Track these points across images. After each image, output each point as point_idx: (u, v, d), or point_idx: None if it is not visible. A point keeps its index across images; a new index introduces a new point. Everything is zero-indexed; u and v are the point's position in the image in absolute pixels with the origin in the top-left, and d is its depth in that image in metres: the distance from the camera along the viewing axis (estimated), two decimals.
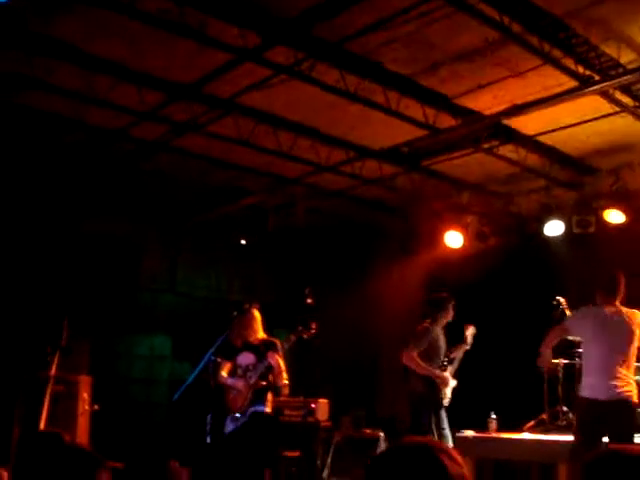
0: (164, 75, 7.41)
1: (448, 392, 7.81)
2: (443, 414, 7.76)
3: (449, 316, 7.93)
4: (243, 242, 11.42)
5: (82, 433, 8.60)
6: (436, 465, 2.10)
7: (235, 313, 7.31)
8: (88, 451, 2.86)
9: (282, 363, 7.24)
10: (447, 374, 7.78)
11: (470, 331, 8.06)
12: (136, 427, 10.26)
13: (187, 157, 9.37)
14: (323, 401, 10.21)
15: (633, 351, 6.32)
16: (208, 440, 7.04)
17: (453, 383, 7.86)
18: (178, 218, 10.69)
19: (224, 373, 7.38)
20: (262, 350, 7.31)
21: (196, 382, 7.55)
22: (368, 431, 10.23)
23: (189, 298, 11.65)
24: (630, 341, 6.31)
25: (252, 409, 7.15)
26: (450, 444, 7.64)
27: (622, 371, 6.24)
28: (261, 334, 7.46)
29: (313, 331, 7.30)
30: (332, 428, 10.18)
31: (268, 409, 7.28)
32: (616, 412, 6.17)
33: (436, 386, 7.71)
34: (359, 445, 9.81)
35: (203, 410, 7.46)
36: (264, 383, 7.22)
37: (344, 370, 11.38)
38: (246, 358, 7.36)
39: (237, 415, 7.24)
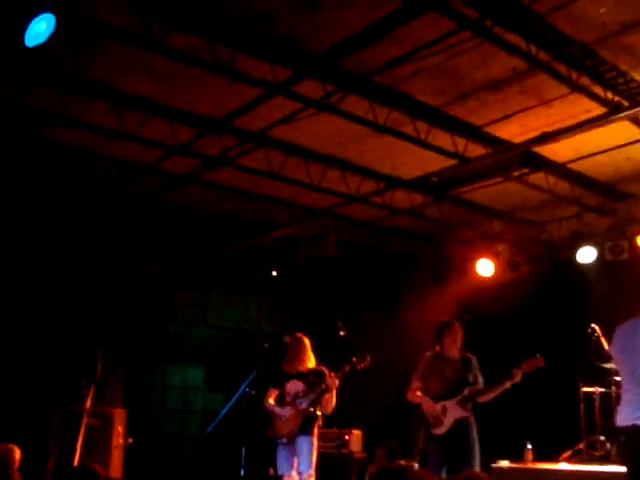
0: (195, 110, 7.52)
1: (447, 422, 7.21)
2: (434, 444, 7.23)
3: (454, 341, 7.46)
4: (274, 273, 11.45)
5: (116, 466, 8.61)
6: None
7: (267, 345, 7.36)
8: None
9: (334, 395, 7.31)
10: (440, 404, 7.22)
11: (532, 363, 7.54)
12: (170, 459, 10.28)
13: (218, 190, 9.47)
14: (357, 432, 10.18)
15: None
16: (242, 473, 7.05)
17: (453, 414, 7.21)
18: (209, 250, 10.78)
19: (271, 400, 7.44)
20: (311, 379, 7.38)
21: (230, 414, 7.59)
22: (402, 462, 10.15)
23: (220, 329, 11.70)
24: None
25: (301, 437, 7.18)
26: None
27: None
28: (312, 363, 7.53)
29: (367, 363, 7.34)
30: (366, 459, 10.12)
31: (315, 439, 7.29)
32: None
33: (424, 414, 7.34)
34: (393, 476, 9.72)
35: (237, 442, 7.48)
36: (312, 410, 7.27)
37: (377, 401, 11.33)
38: (295, 386, 7.42)
39: (284, 440, 7.27)
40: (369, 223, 10.74)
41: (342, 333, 7.39)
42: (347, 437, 9.92)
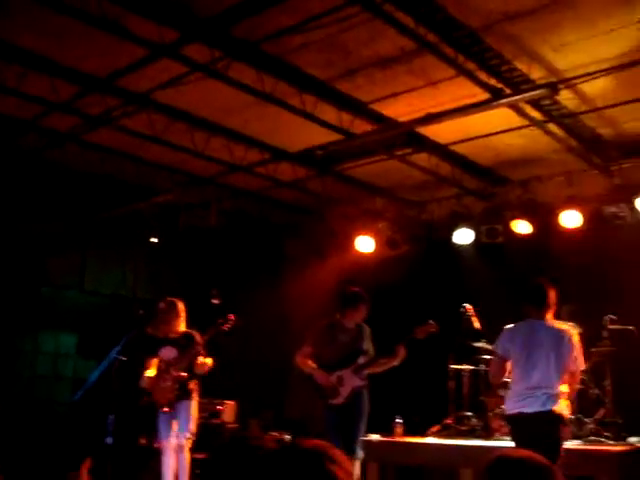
0: (80, 67, 7.25)
1: (344, 392, 7.28)
2: (333, 414, 7.30)
3: (359, 314, 7.48)
4: (154, 240, 11.23)
5: None
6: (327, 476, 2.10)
7: (142, 311, 7.27)
8: None
9: (203, 353, 7.39)
10: (335, 374, 7.27)
11: (426, 329, 7.57)
12: (37, 426, 9.98)
13: (98, 151, 9.19)
14: (230, 403, 10.13)
15: (567, 367, 5.77)
16: (109, 441, 6.90)
17: (349, 384, 7.29)
18: (87, 213, 10.45)
19: (149, 372, 7.42)
20: (183, 343, 7.43)
21: (100, 381, 7.40)
22: (275, 434, 10.20)
23: (97, 295, 11.41)
24: (559, 356, 5.75)
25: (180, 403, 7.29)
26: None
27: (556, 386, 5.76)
28: (182, 327, 7.50)
29: (232, 323, 7.34)
30: (238, 430, 10.11)
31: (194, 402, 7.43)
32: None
33: (319, 386, 7.36)
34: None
35: (105, 410, 7.33)
36: (185, 375, 7.33)
37: (254, 372, 11.32)
38: (168, 352, 7.46)
39: (165, 409, 7.34)
40: (253, 193, 10.67)
41: (216, 302, 7.35)
42: (220, 407, 9.86)
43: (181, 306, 7.60)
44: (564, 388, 5.72)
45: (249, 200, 10.94)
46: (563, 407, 5.66)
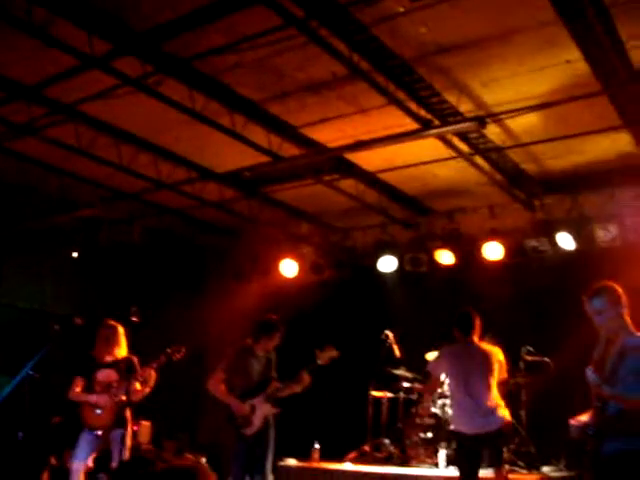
0: (4, 72, 7.05)
1: (256, 421, 7.25)
2: (242, 446, 7.26)
3: (272, 342, 7.52)
4: (75, 255, 11.00)
5: None
6: None
7: (57, 327, 7.06)
8: None
9: (144, 378, 7.13)
10: (248, 403, 7.26)
11: (327, 355, 7.66)
12: None
13: (21, 161, 8.95)
14: (145, 423, 9.94)
15: (494, 382, 6.63)
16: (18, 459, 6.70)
17: (261, 413, 7.28)
18: (5, 224, 10.16)
19: (78, 389, 7.10)
20: (122, 367, 7.16)
21: (11, 398, 7.16)
22: (190, 457, 10.05)
23: (12, 308, 11.08)
24: (490, 372, 6.63)
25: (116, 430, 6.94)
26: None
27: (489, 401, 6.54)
28: (123, 351, 7.27)
29: (182, 354, 7.17)
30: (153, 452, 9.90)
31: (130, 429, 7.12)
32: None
33: (233, 414, 7.33)
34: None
35: (15, 427, 7.11)
36: (126, 400, 7.00)
37: (169, 392, 11.13)
38: (107, 375, 7.17)
39: (98, 433, 6.99)
40: (178, 212, 10.54)
41: (135, 319, 7.17)
42: (135, 428, 9.63)
43: (120, 328, 7.37)
44: (498, 396, 6.61)
45: (174, 218, 10.80)
46: (504, 414, 6.53)
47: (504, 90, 6.93)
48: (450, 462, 8.30)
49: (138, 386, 7.14)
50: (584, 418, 4.99)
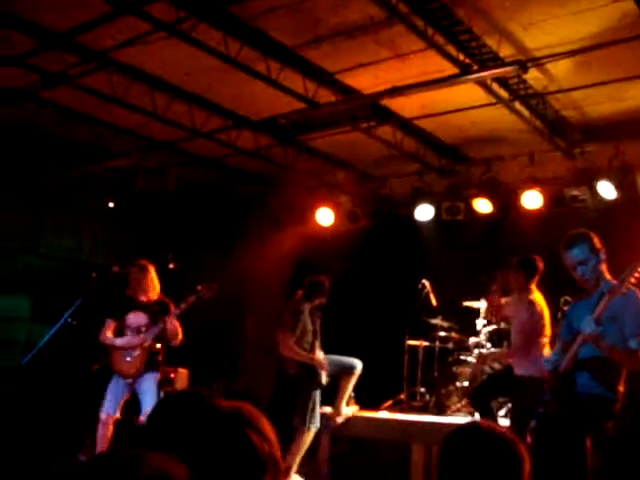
0: (37, 19, 6.96)
1: (323, 373, 7.92)
2: (317, 395, 7.89)
3: (323, 301, 8.00)
4: (111, 205, 11.05)
5: None
6: (242, 441, 2.03)
7: (95, 276, 7.07)
8: None
9: (177, 324, 7.07)
10: (322, 357, 7.92)
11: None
12: None
13: (55, 110, 8.92)
14: (183, 371, 10.02)
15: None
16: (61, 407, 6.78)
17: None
18: (42, 175, 10.21)
19: (109, 333, 7.08)
20: (155, 310, 7.09)
21: (51, 345, 7.25)
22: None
23: (52, 259, 11.19)
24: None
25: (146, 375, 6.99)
26: (318, 424, 7.83)
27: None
28: (155, 293, 7.23)
29: (214, 291, 7.13)
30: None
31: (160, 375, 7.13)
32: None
33: (314, 370, 7.83)
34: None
35: (57, 374, 7.19)
36: (159, 346, 7.02)
37: (206, 340, 11.22)
38: (138, 318, 7.12)
39: (128, 381, 7.02)
40: (213, 161, 10.49)
41: (172, 266, 7.18)
42: (172, 375, 9.73)
43: (152, 269, 7.30)
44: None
45: (209, 167, 10.76)
46: None
47: (545, 34, 6.70)
48: None
49: (176, 329, 7.07)
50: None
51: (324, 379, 7.89)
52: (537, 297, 6.94)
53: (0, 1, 6.63)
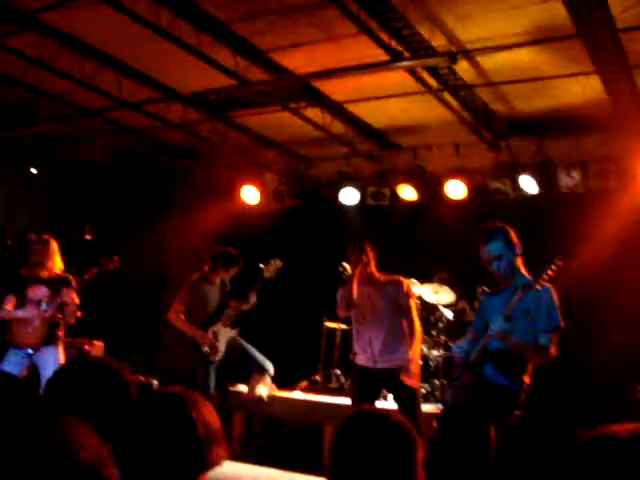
0: None
1: (221, 347, 7.76)
2: (210, 369, 7.73)
3: (229, 274, 7.92)
4: (33, 171, 10.79)
5: None
6: (184, 418, 2.05)
7: (9, 242, 6.92)
8: None
9: (76, 300, 6.97)
10: (210, 331, 7.71)
11: (273, 267, 7.90)
12: None
13: None
14: (98, 344, 9.90)
15: None
16: None
17: (224, 337, 7.81)
18: None
19: (9, 307, 6.94)
20: (56, 284, 6.99)
21: None
22: (142, 378, 10.05)
23: None
24: None
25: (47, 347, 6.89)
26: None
27: None
28: (58, 267, 7.11)
29: (115, 264, 7.08)
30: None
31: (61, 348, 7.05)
32: None
33: (198, 344, 7.73)
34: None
35: None
36: (60, 316, 6.93)
37: (123, 313, 11.10)
38: (38, 291, 6.98)
39: (28, 351, 6.86)
40: (140, 132, 10.32)
41: (88, 237, 7.10)
42: (88, 347, 9.60)
43: (54, 244, 7.20)
44: None
45: (136, 138, 10.59)
46: None
47: (478, 27, 6.78)
48: None
49: (74, 307, 6.99)
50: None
51: (212, 357, 7.71)
52: None
53: None
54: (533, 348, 4.80)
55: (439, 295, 9.25)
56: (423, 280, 9.20)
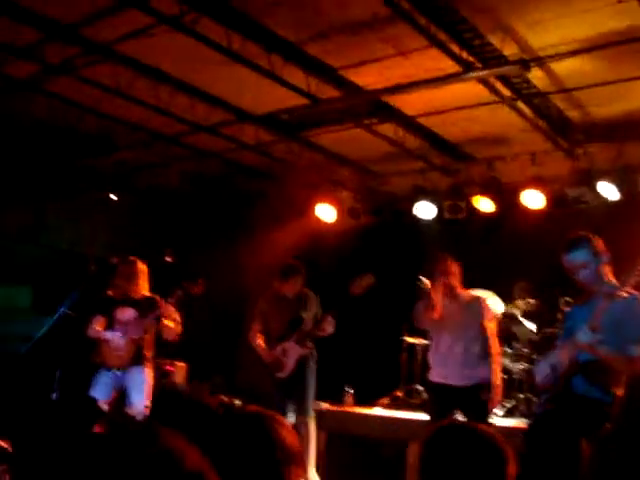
0: (42, 11, 6.95)
1: (289, 364, 7.52)
2: (285, 388, 7.58)
3: (295, 285, 7.66)
4: (113, 197, 11.04)
5: None
6: (264, 438, 2.05)
7: (94, 268, 7.08)
8: None
9: (176, 315, 7.17)
10: (280, 347, 7.53)
11: (362, 283, 7.64)
12: None
13: (59, 101, 8.90)
14: (181, 364, 10.04)
15: None
16: (54, 396, 6.78)
17: (294, 355, 7.53)
18: (45, 165, 10.19)
19: (98, 327, 7.12)
20: (144, 305, 7.13)
21: (48, 336, 7.25)
22: (225, 398, 10.14)
23: (53, 249, 11.20)
24: None
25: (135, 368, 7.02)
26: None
27: None
28: (145, 289, 7.26)
29: (201, 287, 7.18)
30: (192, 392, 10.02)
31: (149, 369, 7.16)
32: None
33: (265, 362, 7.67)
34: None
35: (53, 365, 7.18)
36: (144, 338, 7.10)
37: (205, 334, 11.23)
38: (126, 313, 7.16)
39: (117, 372, 7.02)
40: (216, 155, 10.48)
41: (169, 260, 7.20)
42: (170, 368, 9.74)
43: (142, 266, 7.35)
44: None
45: (211, 162, 10.74)
46: None
47: (550, 33, 6.68)
48: None
49: (169, 323, 7.13)
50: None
51: (278, 374, 7.54)
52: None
53: None
54: (623, 359, 4.66)
55: (520, 306, 9.10)
56: (503, 292, 9.06)
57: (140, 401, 6.91)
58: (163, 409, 2.61)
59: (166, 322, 7.10)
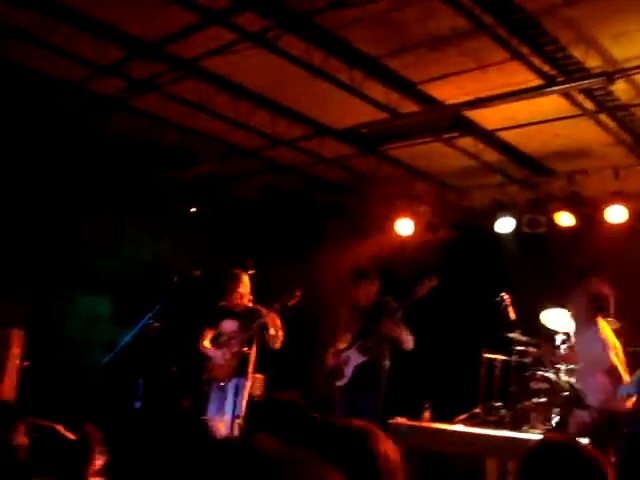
0: (127, 29, 7.19)
1: (347, 372, 7.40)
2: (339, 396, 7.50)
3: (364, 291, 7.54)
4: (193, 210, 11.23)
5: (9, 388, 8.40)
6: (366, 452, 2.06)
7: (176, 280, 7.26)
8: (7, 404, 2.79)
9: (279, 323, 7.32)
10: (344, 354, 7.42)
11: (426, 285, 7.50)
12: (65, 387, 10.05)
13: (142, 117, 9.15)
14: (259, 376, 10.12)
15: None
16: (137, 405, 6.94)
17: (354, 363, 7.38)
18: (127, 179, 10.46)
19: (207, 342, 7.42)
20: (245, 317, 7.35)
21: (131, 345, 7.43)
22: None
23: (134, 262, 11.44)
24: None
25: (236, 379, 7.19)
26: None
27: None
28: (248, 300, 7.43)
29: (297, 298, 7.25)
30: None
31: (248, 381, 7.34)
32: None
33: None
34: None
35: (135, 374, 7.35)
36: (248, 350, 7.29)
37: (284, 347, 11.29)
38: (230, 325, 7.41)
39: (221, 384, 7.25)
40: (295, 169, 10.60)
41: (250, 272, 7.32)
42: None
43: (244, 277, 7.53)
44: None
45: (290, 175, 10.87)
46: None
47: (634, 44, 6.57)
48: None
49: (275, 332, 7.24)
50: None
51: (335, 381, 7.46)
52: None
53: (93, 12, 6.85)
54: None
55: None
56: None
57: (230, 412, 7.10)
58: (265, 419, 2.64)
59: (272, 331, 7.23)
